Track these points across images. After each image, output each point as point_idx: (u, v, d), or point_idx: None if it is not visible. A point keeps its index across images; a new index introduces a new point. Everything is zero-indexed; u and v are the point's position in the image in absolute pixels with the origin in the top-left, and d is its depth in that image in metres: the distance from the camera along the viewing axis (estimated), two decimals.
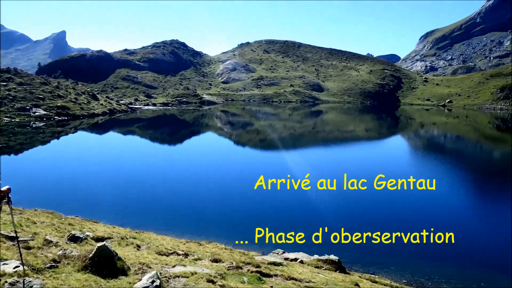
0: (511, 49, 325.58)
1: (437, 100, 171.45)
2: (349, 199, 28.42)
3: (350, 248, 19.36)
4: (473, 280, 16.61)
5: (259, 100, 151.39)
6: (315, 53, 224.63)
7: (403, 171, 41.74)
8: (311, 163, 43.47)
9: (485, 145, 66.97)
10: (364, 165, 43.41)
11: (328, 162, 44.27)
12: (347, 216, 24.53)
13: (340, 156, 49.60)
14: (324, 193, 29.56)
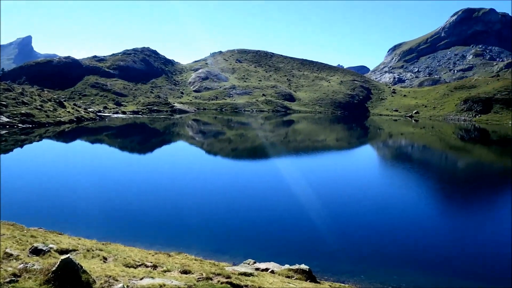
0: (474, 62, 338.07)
1: (405, 111, 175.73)
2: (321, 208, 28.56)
3: (321, 257, 19.42)
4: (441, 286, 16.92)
5: (231, 109, 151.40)
6: (287, 63, 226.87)
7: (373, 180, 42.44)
8: (283, 172, 43.59)
9: (450, 155, 68.93)
10: (334, 174, 43.88)
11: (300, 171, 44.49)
12: (319, 226, 24.61)
13: (311, 165, 49.94)
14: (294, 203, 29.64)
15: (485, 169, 54.83)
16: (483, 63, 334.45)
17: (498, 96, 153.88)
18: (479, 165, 58.16)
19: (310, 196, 31.92)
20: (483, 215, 29.53)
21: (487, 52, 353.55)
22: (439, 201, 34.38)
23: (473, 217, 28.89)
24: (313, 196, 32.05)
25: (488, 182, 44.97)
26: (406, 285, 16.91)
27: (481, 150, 75.83)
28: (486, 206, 32.73)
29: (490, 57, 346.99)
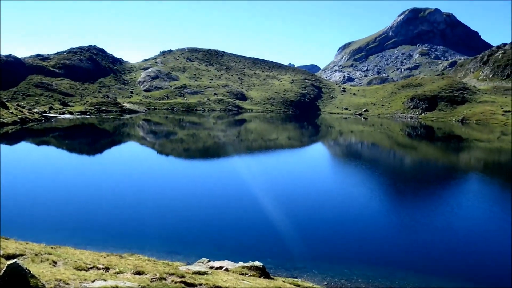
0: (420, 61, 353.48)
1: (354, 109, 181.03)
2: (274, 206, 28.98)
3: (274, 254, 19.76)
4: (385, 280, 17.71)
5: (182, 109, 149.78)
6: (238, 62, 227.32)
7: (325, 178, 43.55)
8: (235, 171, 43.82)
9: (398, 152, 71.83)
10: (287, 173, 44.61)
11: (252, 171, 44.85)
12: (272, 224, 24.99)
13: (264, 164, 50.50)
14: (248, 201, 29.92)
15: (431, 166, 57.62)
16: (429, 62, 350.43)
17: (442, 94, 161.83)
18: (425, 162, 61.03)
19: (263, 195, 32.32)
20: (428, 209, 31.07)
21: (432, 51, 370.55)
22: (388, 197, 35.83)
23: (419, 212, 30.33)
24: (266, 195, 32.48)
25: (434, 178, 47.32)
26: (356, 277, 17.58)
27: (427, 147, 79.54)
28: (431, 201, 34.45)
29: (435, 56, 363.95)
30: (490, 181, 45.70)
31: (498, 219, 28.59)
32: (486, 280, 18.13)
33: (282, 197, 31.74)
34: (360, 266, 18.86)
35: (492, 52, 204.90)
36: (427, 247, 22.03)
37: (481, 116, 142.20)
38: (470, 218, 28.29)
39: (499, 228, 26.39)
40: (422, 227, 25.24)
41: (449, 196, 36.32)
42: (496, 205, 33.35)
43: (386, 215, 28.76)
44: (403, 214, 29.21)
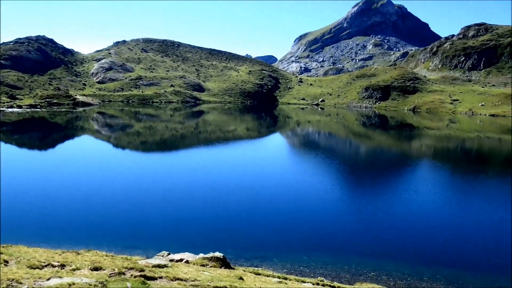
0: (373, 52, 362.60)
1: (311, 99, 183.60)
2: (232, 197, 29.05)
3: (235, 244, 19.86)
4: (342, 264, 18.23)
5: (138, 101, 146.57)
6: (195, 53, 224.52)
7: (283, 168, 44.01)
8: (194, 163, 43.52)
9: (354, 141, 73.63)
10: (246, 163, 44.76)
11: (211, 162, 44.69)
12: (232, 214, 25.06)
13: (222, 156, 50.41)
14: (207, 192, 29.82)
15: (386, 153, 59.52)
16: (382, 53, 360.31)
17: (395, 84, 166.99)
18: (380, 150, 62.93)
19: (222, 186, 32.32)
20: (386, 196, 32.10)
21: (385, 42, 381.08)
22: (346, 185, 36.72)
23: (376, 198, 31.28)
24: (225, 186, 32.50)
25: (389, 165, 48.90)
26: (314, 264, 17.98)
27: (381, 135, 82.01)
28: (388, 188, 35.61)
29: (388, 47, 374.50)
30: (441, 166, 47.75)
31: (451, 203, 29.99)
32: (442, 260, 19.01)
33: (242, 188, 31.87)
34: (318, 252, 19.30)
35: (441, 43, 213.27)
36: (383, 232, 22.80)
37: (431, 105, 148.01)
38: (426, 203, 29.49)
39: (453, 211, 27.71)
40: (380, 213, 26.09)
41: (404, 182, 37.71)
42: (449, 189, 34.94)
43: (344, 202, 29.50)
44: (361, 201, 30.05)
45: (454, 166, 47.95)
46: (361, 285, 14.71)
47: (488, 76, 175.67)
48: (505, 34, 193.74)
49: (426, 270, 17.73)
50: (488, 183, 38.09)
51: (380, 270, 17.56)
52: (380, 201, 29.22)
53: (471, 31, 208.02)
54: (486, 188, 36.00)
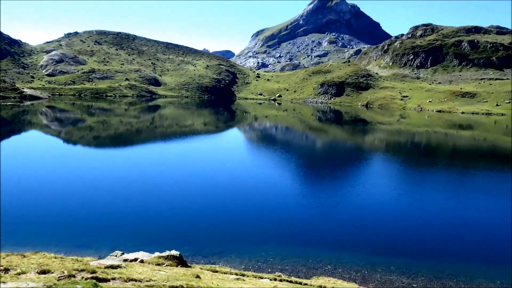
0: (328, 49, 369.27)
1: (269, 94, 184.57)
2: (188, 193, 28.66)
3: (192, 241, 19.60)
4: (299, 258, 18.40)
5: (91, 95, 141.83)
6: (151, 46, 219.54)
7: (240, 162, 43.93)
8: (148, 158, 42.62)
9: (310, 135, 74.70)
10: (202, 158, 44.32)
11: (166, 157, 43.94)
12: (187, 211, 24.71)
13: (179, 150, 49.67)
14: (161, 188, 29.28)
15: (341, 147, 60.77)
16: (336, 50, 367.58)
17: (349, 80, 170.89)
18: (335, 144, 64.18)
19: (178, 182, 31.84)
20: (344, 189, 32.70)
21: (339, 40, 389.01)
22: (303, 179, 37.11)
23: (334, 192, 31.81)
24: (180, 181, 32.04)
25: (345, 159, 49.93)
26: (272, 258, 18.03)
27: (336, 130, 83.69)
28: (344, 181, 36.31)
29: (342, 44, 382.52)
30: (394, 159, 49.30)
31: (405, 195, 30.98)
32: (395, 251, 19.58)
33: (198, 183, 31.51)
34: (276, 247, 19.38)
35: (391, 42, 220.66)
36: (340, 225, 23.21)
37: (383, 100, 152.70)
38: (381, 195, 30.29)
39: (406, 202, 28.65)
40: (336, 206, 26.54)
41: (360, 175, 38.62)
42: (402, 181, 36.11)
43: (301, 196, 29.78)
44: (318, 194, 30.46)
45: (405, 159, 49.67)
46: (318, 278, 14.88)
47: (434, 74, 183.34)
48: (450, 35, 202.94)
49: (380, 261, 18.21)
50: (437, 174, 39.68)
51: (336, 263, 17.86)
52: (337, 194, 29.76)
53: (419, 31, 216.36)
54: (436, 179, 37.49)
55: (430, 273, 17.27)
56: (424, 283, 16.54)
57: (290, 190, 31.03)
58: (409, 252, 19.67)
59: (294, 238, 21.00)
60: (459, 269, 17.77)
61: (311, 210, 26.03)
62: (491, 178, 39.36)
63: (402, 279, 16.75)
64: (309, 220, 24.02)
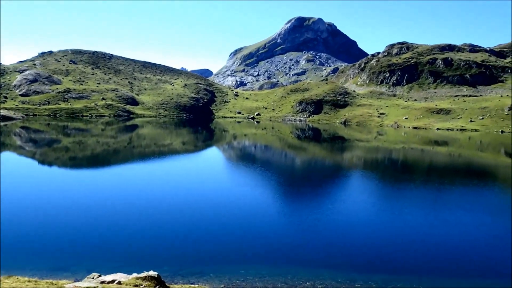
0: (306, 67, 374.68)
1: (247, 113, 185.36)
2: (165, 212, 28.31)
3: (171, 261, 19.31)
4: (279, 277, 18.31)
5: (67, 115, 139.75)
6: (128, 65, 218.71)
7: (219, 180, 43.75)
8: (124, 178, 42.05)
9: (289, 153, 75.04)
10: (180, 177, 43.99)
11: (145, 176, 43.44)
12: (166, 230, 24.37)
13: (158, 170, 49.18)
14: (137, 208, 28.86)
15: (320, 165, 61.19)
16: (314, 68, 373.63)
17: (327, 98, 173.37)
18: (314, 161, 64.60)
19: (156, 200, 31.45)
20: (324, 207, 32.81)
21: (317, 58, 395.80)
22: (282, 196, 37.13)
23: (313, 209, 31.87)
24: (159, 200, 31.65)
25: (323, 177, 50.23)
26: (252, 277, 17.87)
27: (315, 147, 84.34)
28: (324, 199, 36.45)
29: (319, 62, 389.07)
30: (372, 176, 49.84)
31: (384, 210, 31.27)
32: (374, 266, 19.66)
33: (177, 202, 31.17)
34: (256, 265, 19.24)
35: (368, 60, 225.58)
36: (319, 241, 23.21)
37: (360, 118, 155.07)
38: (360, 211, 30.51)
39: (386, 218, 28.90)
40: (315, 223, 26.57)
41: (340, 192, 38.86)
42: (380, 198, 36.47)
43: (280, 213, 29.76)
44: (297, 211, 30.48)
45: (384, 176, 50.29)
46: None
47: (410, 91, 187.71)
48: (424, 53, 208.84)
49: (360, 277, 18.26)
50: (415, 190, 40.25)
51: (316, 280, 17.82)
52: (317, 212, 29.83)
53: (394, 49, 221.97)
54: (414, 195, 38.01)
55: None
56: None
57: (270, 208, 30.97)
58: (387, 268, 19.80)
59: (274, 256, 20.90)
60: (437, 284, 17.95)
61: (291, 228, 26.01)
62: (467, 193, 40.16)
63: None
64: (289, 238, 23.98)
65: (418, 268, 19.79)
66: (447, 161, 66.17)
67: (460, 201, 36.37)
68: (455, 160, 67.49)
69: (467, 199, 37.40)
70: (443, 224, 27.98)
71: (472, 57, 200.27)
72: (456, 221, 28.67)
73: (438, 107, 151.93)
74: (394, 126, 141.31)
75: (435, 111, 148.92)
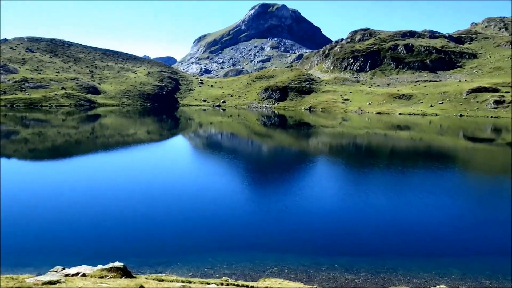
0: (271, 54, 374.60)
1: (213, 100, 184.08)
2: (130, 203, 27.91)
3: (137, 252, 19.11)
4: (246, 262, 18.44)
5: (25, 105, 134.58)
6: (88, 53, 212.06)
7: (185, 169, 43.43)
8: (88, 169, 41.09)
9: (255, 140, 75.24)
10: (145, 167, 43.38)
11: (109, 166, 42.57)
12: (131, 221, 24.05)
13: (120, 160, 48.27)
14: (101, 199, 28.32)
15: (286, 151, 61.68)
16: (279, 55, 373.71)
17: (292, 84, 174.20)
18: (280, 148, 65.05)
19: (121, 191, 30.95)
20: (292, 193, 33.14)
21: (281, 45, 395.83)
22: (250, 184, 37.26)
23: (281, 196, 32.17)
24: (124, 191, 31.16)
25: (289, 163, 50.69)
26: (219, 264, 17.94)
27: (281, 134, 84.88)
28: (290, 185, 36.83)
29: (284, 49, 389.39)
30: (337, 161, 50.73)
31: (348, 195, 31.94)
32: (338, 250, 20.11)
33: (142, 193, 30.76)
34: (223, 252, 19.33)
35: (332, 46, 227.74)
36: (285, 227, 23.50)
37: (325, 104, 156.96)
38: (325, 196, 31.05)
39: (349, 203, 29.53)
40: (281, 209, 26.86)
41: (305, 178, 39.35)
42: (344, 182, 37.21)
43: (248, 200, 29.90)
44: (264, 198, 30.71)
45: (349, 161, 51.30)
46: (264, 280, 14.99)
47: (373, 77, 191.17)
48: (386, 39, 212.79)
49: (325, 260, 18.67)
50: (379, 174, 41.27)
51: (283, 264, 18.10)
52: (285, 198, 30.15)
53: (357, 35, 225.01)
54: (378, 179, 38.99)
55: (371, 269, 17.96)
56: (366, 277, 17.18)
57: (238, 196, 31.06)
58: (352, 251, 20.32)
59: (241, 243, 21.03)
60: (397, 264, 18.60)
61: (259, 215, 26.19)
62: (429, 175, 41.51)
63: (346, 275, 17.28)
64: (257, 224, 24.16)
65: (381, 250, 20.42)
66: (409, 145, 68.13)
67: (422, 183, 37.59)
68: (417, 144, 69.57)
69: (429, 181, 38.68)
70: (404, 207, 28.90)
71: (432, 43, 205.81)
72: (418, 202, 29.65)
73: (400, 93, 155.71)
74: (358, 112, 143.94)
75: (397, 97, 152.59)
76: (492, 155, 59.99)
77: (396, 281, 16.62)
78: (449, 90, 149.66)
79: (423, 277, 17.24)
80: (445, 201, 30.21)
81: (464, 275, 17.42)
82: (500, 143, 71.40)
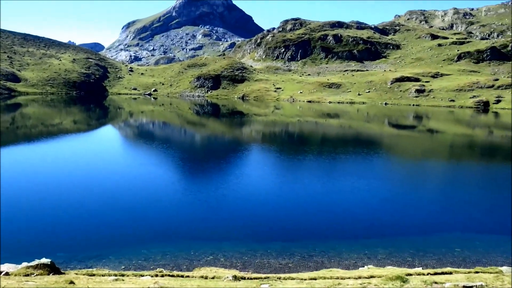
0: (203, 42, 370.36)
1: (143, 89, 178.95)
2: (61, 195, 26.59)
3: (66, 247, 18.32)
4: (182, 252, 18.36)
5: None
6: (5, 38, 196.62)
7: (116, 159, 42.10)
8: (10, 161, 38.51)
9: (188, 129, 74.42)
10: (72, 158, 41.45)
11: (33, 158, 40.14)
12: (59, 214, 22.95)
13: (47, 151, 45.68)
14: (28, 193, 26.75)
15: (220, 140, 61.65)
16: (211, 43, 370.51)
17: (225, 73, 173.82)
18: (214, 137, 64.90)
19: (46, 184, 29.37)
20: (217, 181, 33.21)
21: (213, 33, 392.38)
22: (182, 174, 36.87)
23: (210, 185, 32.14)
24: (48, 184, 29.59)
25: (224, 151, 50.74)
26: (153, 256, 17.69)
27: (214, 123, 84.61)
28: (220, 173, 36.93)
29: (216, 37, 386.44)
30: (270, 149, 51.59)
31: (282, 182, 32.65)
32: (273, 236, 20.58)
33: (70, 186, 29.38)
34: (157, 243, 19.08)
35: (264, 35, 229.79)
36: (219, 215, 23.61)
37: (258, 93, 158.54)
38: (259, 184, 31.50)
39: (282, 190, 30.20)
40: (215, 197, 26.92)
41: (239, 166, 39.64)
42: (277, 170, 37.96)
43: (181, 190, 29.59)
44: (198, 187, 30.58)
45: (282, 148, 52.42)
46: (200, 269, 15.03)
47: (304, 66, 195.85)
48: (316, 29, 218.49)
49: (260, 247, 19.04)
50: (311, 161, 42.58)
51: (218, 253, 18.22)
52: (222, 187, 30.19)
53: (288, 25, 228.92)
54: (310, 165, 40.21)
55: (304, 252, 18.60)
56: (299, 261, 17.78)
57: (172, 186, 30.64)
58: (287, 235, 20.90)
59: (176, 233, 20.86)
60: (329, 247, 19.41)
61: (195, 204, 26.06)
62: (358, 161, 43.48)
63: (280, 260, 17.77)
64: (192, 214, 24.06)
65: (314, 234, 21.20)
66: (339, 133, 70.87)
67: (352, 168, 39.32)
68: (346, 131, 72.54)
69: (359, 166, 40.53)
70: (338, 191, 30.15)
71: (359, 33, 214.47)
72: (349, 187, 31.03)
73: (330, 82, 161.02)
74: (290, 100, 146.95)
75: (327, 85, 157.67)
76: (414, 140, 64.06)
77: (328, 264, 17.35)
78: (375, 79, 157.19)
79: (353, 258, 18.13)
80: (374, 185, 31.87)
81: (389, 254, 18.55)
82: (421, 130, 76.45)
